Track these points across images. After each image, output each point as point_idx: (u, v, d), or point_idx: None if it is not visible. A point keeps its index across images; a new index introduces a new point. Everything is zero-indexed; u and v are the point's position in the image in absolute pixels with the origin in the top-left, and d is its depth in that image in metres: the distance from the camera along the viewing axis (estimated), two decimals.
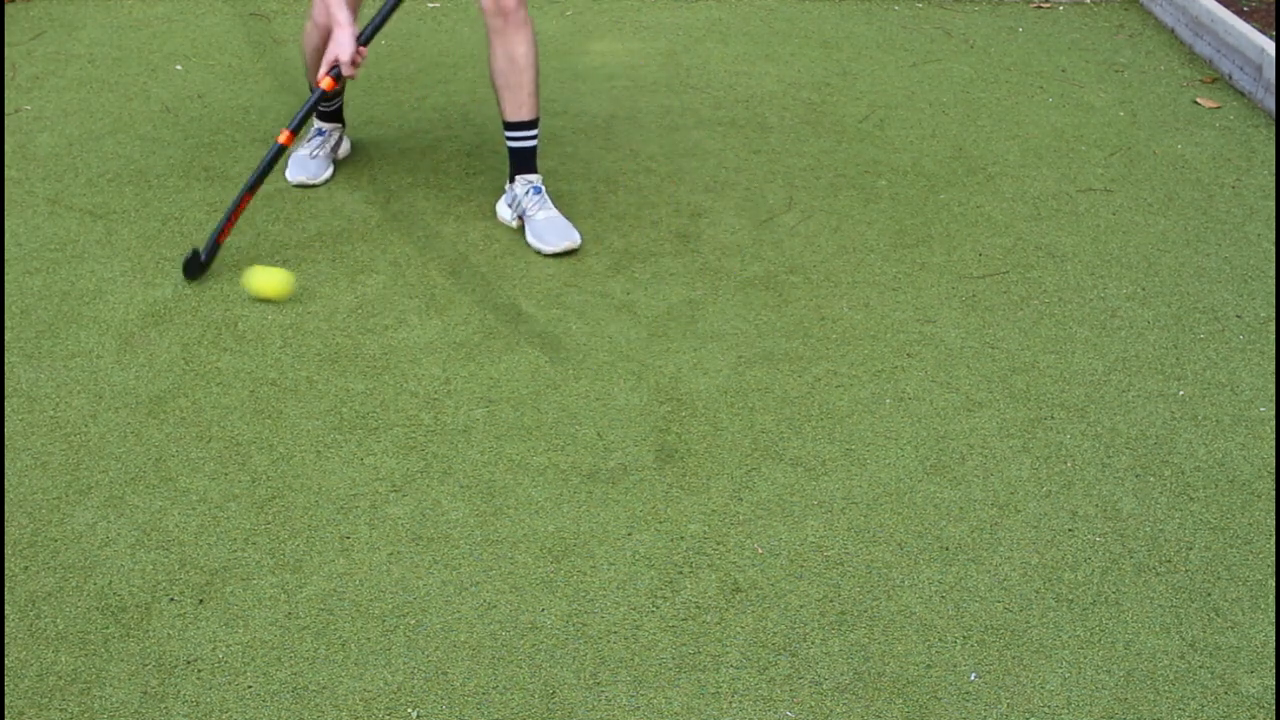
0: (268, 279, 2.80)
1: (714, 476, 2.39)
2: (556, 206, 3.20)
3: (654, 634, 2.05)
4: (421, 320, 2.84)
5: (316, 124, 3.46)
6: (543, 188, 3.19)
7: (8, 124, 3.71)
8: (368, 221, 3.23)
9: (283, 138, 2.99)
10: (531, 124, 3.13)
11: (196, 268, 2.94)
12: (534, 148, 3.18)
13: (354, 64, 2.98)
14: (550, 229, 3.11)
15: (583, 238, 3.14)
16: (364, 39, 2.99)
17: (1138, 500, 2.36)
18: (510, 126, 3.13)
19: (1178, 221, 3.34)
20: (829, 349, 2.77)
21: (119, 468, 2.38)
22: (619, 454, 2.45)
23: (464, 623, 2.06)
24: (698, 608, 2.10)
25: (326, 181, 3.42)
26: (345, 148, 3.55)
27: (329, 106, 3.44)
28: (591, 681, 1.96)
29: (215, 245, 2.97)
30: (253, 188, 3.00)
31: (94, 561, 2.17)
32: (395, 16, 4.66)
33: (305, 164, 3.42)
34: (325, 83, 2.99)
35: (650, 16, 4.73)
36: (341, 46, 2.95)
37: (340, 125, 3.51)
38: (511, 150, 3.17)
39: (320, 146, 3.45)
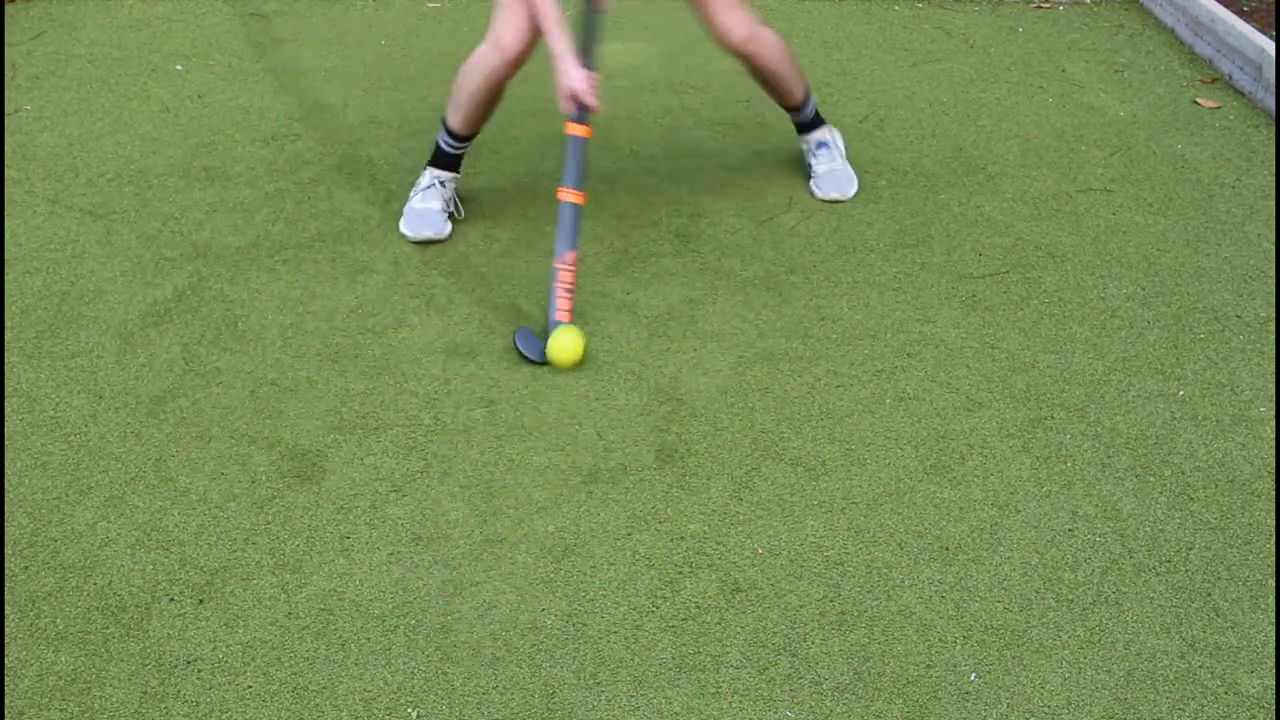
0: (568, 348, 2.64)
1: (714, 476, 2.39)
2: (843, 154, 3.48)
3: (654, 634, 2.05)
4: (421, 320, 2.84)
5: (433, 173, 3.19)
6: (828, 141, 3.44)
7: (8, 124, 3.71)
8: (368, 221, 3.23)
9: (573, 196, 2.76)
10: (805, 102, 3.37)
11: (534, 347, 2.70)
12: (813, 115, 3.42)
13: (594, 91, 2.78)
14: (826, 180, 3.40)
15: (856, 189, 3.41)
16: (590, 64, 2.81)
17: (1138, 500, 2.36)
18: (789, 109, 3.40)
19: (1178, 221, 3.34)
20: (829, 349, 2.77)
21: (119, 468, 2.38)
22: (619, 454, 2.45)
23: (464, 623, 2.06)
24: (698, 608, 2.10)
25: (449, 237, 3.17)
26: (456, 202, 3.25)
27: (458, 149, 3.17)
28: (591, 681, 1.96)
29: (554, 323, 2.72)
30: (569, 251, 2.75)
31: (94, 561, 2.17)
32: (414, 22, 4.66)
33: (429, 218, 3.15)
34: (579, 129, 2.78)
35: (650, 16, 4.72)
36: (573, 78, 2.76)
37: (458, 175, 3.25)
38: (795, 122, 3.45)
39: (437, 198, 3.19)
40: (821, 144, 3.44)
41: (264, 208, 3.29)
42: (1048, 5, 5.00)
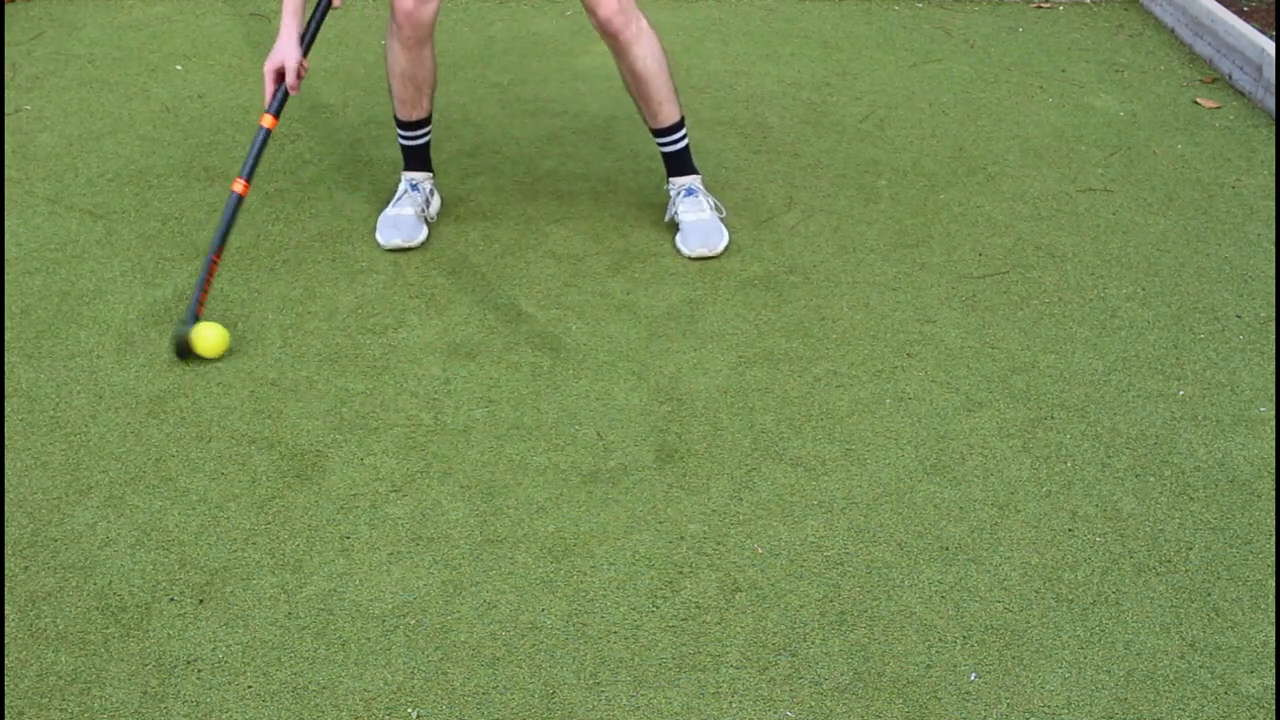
0: (211, 340, 2.66)
1: (714, 476, 2.39)
2: (714, 204, 3.18)
3: (654, 634, 2.05)
4: (421, 320, 2.84)
5: (408, 178, 3.19)
6: (696, 189, 3.16)
7: (8, 124, 3.71)
8: (368, 221, 3.23)
9: (239, 186, 2.75)
10: (674, 128, 3.11)
11: (186, 348, 2.66)
12: (683, 150, 3.15)
13: (299, 76, 2.77)
14: (691, 232, 3.10)
15: (729, 243, 3.12)
16: (305, 47, 2.79)
17: (1138, 500, 2.36)
18: (654, 132, 3.14)
19: (1178, 221, 3.34)
20: (829, 349, 2.77)
21: (119, 468, 2.38)
22: (619, 454, 2.45)
23: (464, 623, 2.06)
24: (698, 608, 2.10)
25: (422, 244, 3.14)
26: (436, 203, 3.24)
27: (414, 140, 3.15)
28: (591, 681, 1.96)
29: (195, 316, 2.69)
30: (219, 249, 2.74)
31: (94, 561, 2.17)
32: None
33: (401, 224, 3.12)
34: (269, 120, 2.77)
35: (650, 16, 4.70)
36: (288, 53, 2.74)
37: (431, 174, 3.24)
38: (662, 155, 3.18)
39: (410, 204, 3.17)
40: (690, 191, 3.16)
41: (264, 208, 3.30)
42: (1048, 5, 5.00)
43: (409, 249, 3.10)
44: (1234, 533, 2.28)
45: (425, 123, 3.14)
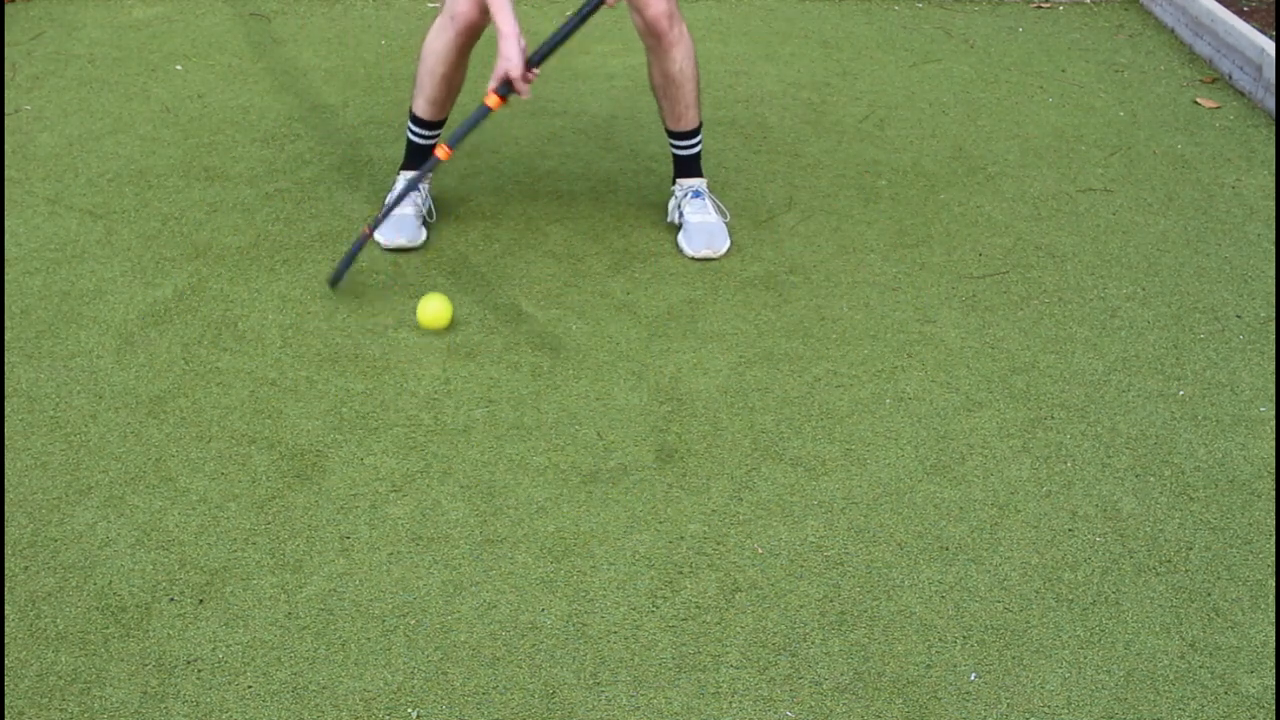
0: (434, 312, 2.76)
1: (714, 476, 2.39)
2: (718, 208, 3.21)
3: (654, 634, 2.05)
4: None
5: (405, 177, 3.16)
6: (703, 191, 3.18)
7: (8, 124, 3.71)
8: (368, 221, 3.23)
9: (441, 152, 2.82)
10: (694, 132, 3.15)
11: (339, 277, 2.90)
12: (696, 155, 3.18)
13: (526, 82, 2.74)
14: (696, 233, 3.11)
15: (729, 245, 3.13)
16: (536, 59, 2.77)
17: (1138, 500, 2.36)
18: (672, 135, 3.15)
19: (1178, 221, 3.34)
20: (829, 349, 2.77)
21: (119, 468, 2.38)
22: (619, 454, 2.45)
23: (464, 623, 2.06)
24: (698, 608, 2.10)
25: (423, 245, 3.13)
26: (430, 204, 3.21)
27: (428, 138, 3.12)
28: (591, 681, 1.96)
29: (351, 258, 2.88)
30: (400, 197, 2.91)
31: (94, 561, 2.17)
32: (401, 21, 4.66)
33: (404, 225, 3.09)
34: (492, 100, 2.75)
35: None
36: (511, 61, 2.70)
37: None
38: (674, 156, 3.19)
39: (410, 203, 3.12)
40: (698, 193, 3.17)
41: (264, 208, 3.30)
42: (1048, 5, 5.00)
43: (412, 249, 3.10)
44: (1234, 533, 2.28)
45: (441, 124, 3.15)
